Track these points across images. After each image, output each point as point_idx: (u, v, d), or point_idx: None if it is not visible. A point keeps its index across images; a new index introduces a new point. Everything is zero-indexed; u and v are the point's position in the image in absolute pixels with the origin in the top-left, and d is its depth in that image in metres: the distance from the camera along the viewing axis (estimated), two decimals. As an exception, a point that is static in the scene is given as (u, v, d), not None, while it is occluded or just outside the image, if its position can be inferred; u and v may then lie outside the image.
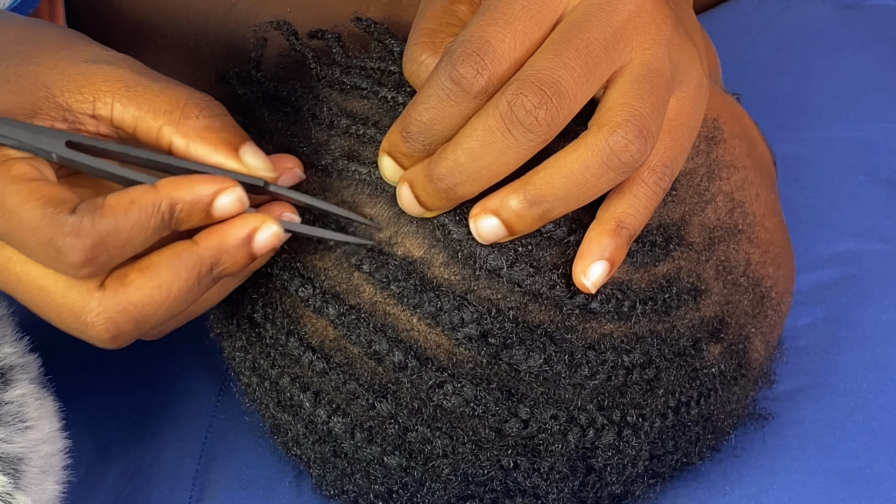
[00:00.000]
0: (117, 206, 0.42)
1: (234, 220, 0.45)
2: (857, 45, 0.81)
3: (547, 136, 0.42)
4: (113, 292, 0.43)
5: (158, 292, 0.43)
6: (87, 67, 0.46)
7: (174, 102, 0.45)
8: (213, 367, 0.65)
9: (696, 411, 0.51)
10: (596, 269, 0.45)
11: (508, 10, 0.42)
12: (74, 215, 0.42)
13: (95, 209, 0.42)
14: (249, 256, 0.45)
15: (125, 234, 0.42)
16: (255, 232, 0.45)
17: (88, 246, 0.42)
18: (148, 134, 0.45)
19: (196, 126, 0.45)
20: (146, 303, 0.43)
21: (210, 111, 0.46)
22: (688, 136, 0.46)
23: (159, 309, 0.44)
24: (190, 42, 0.61)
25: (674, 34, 0.45)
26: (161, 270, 0.43)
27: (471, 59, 0.42)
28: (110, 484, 0.61)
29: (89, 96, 0.45)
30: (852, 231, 0.70)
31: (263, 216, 0.45)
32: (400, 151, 0.44)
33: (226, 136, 0.46)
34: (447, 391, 0.47)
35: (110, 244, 0.42)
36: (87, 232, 0.42)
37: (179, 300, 0.44)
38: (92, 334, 0.44)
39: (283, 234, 0.45)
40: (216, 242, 0.44)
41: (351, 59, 0.52)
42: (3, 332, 0.51)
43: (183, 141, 0.45)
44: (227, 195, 0.44)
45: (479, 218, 0.44)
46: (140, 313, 0.44)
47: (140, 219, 0.43)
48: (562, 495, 0.51)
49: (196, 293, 0.45)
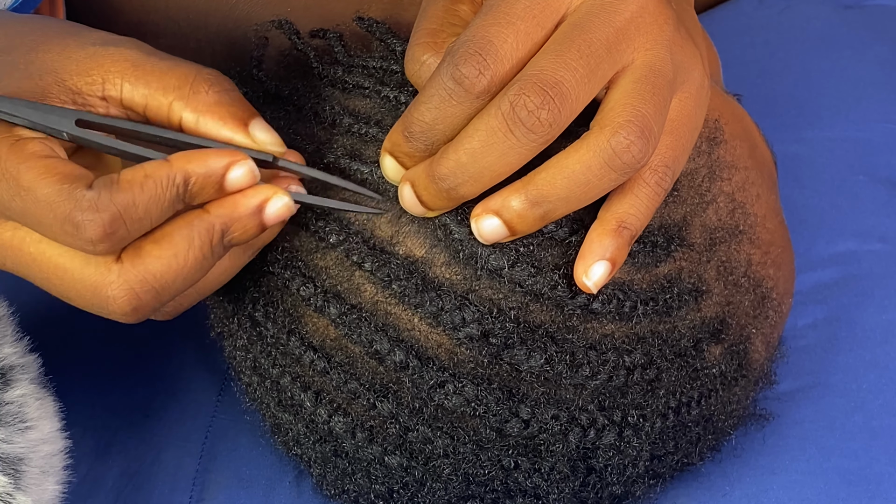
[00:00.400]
0: (133, 180, 0.43)
1: (246, 191, 0.45)
2: (857, 45, 0.81)
3: (549, 137, 0.42)
4: (131, 264, 0.44)
5: (175, 261, 0.44)
6: (94, 51, 0.46)
7: (183, 78, 0.46)
8: (214, 367, 0.65)
9: (697, 412, 0.51)
10: (597, 269, 0.45)
11: (511, 10, 0.42)
12: (91, 190, 0.42)
13: (112, 184, 0.42)
14: (260, 226, 0.45)
15: (142, 208, 0.43)
16: (265, 202, 0.45)
17: (107, 220, 0.42)
18: (158, 111, 0.46)
19: (206, 101, 0.46)
20: (164, 272, 0.44)
21: (220, 86, 0.46)
22: (690, 137, 0.46)
23: (177, 277, 0.44)
24: (191, 41, 0.61)
25: (676, 35, 0.45)
26: (176, 239, 0.44)
27: (473, 59, 0.42)
28: (110, 484, 0.61)
29: (98, 78, 0.46)
30: (852, 231, 0.70)
31: (274, 187, 0.46)
32: (402, 151, 0.44)
33: (235, 110, 0.46)
34: (448, 391, 0.47)
35: (128, 218, 0.43)
36: (105, 206, 0.42)
37: (195, 268, 0.44)
38: (113, 308, 0.44)
39: (293, 205, 0.46)
40: (227, 210, 0.45)
41: (353, 58, 0.52)
42: (3, 332, 0.51)
43: (193, 116, 0.46)
44: (239, 168, 0.45)
45: (481, 218, 0.44)
46: (159, 282, 0.44)
47: (156, 192, 0.43)
48: (562, 495, 0.51)
49: (210, 261, 0.45)
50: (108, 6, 0.62)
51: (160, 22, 0.61)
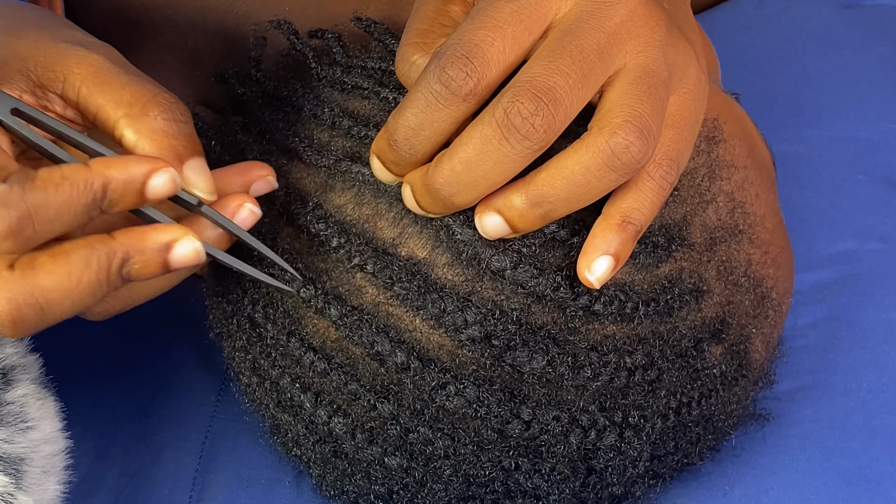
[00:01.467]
0: (49, 180, 0.41)
1: (158, 226, 0.44)
2: (857, 45, 0.81)
3: (544, 143, 0.42)
4: (22, 273, 0.42)
5: (68, 280, 0.42)
6: (64, 48, 0.46)
7: (137, 97, 0.45)
8: (213, 367, 0.65)
9: (697, 412, 0.51)
10: (601, 263, 0.45)
11: (498, 15, 0.42)
12: (4, 184, 0.41)
13: (27, 180, 0.41)
14: (163, 265, 0.44)
15: (53, 210, 0.41)
16: (174, 242, 0.44)
17: (15, 218, 0.41)
18: (106, 123, 0.45)
19: (151, 125, 0.45)
20: (54, 289, 0.42)
21: (170, 114, 0.45)
22: (691, 131, 0.46)
23: (66, 298, 0.42)
24: (189, 41, 0.61)
25: (668, 35, 0.45)
26: (73, 258, 0.42)
27: (460, 62, 0.42)
28: (110, 484, 0.61)
29: (60, 76, 0.45)
30: (852, 231, 0.70)
31: (187, 230, 0.44)
32: (387, 158, 0.44)
33: (176, 144, 0.45)
34: (449, 392, 0.47)
35: (37, 218, 0.41)
36: (14, 203, 0.41)
37: (87, 292, 0.42)
38: None
39: (203, 254, 0.44)
40: (133, 241, 0.43)
41: (351, 58, 0.52)
42: (3, 332, 0.51)
43: (133, 137, 0.45)
44: (161, 175, 0.43)
45: (484, 215, 0.44)
46: (46, 299, 0.42)
47: (71, 196, 0.41)
48: (563, 496, 0.51)
49: (104, 288, 0.43)
50: (107, 4, 0.62)
51: (158, 21, 0.61)
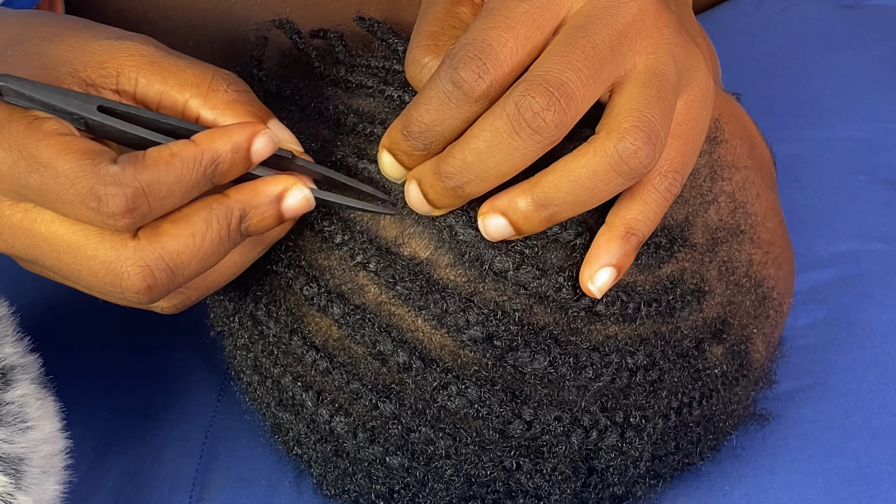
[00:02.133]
0: (159, 158, 0.43)
1: (267, 179, 0.45)
2: (857, 45, 0.81)
3: (555, 138, 0.42)
4: (148, 240, 0.43)
5: (192, 241, 0.44)
6: (110, 44, 0.46)
7: (201, 77, 0.46)
8: (214, 367, 0.65)
9: (698, 412, 0.51)
10: (603, 275, 0.45)
11: (510, 14, 0.42)
12: (115, 165, 0.42)
13: (137, 161, 0.42)
14: (278, 216, 0.46)
15: (166, 187, 0.43)
16: (285, 192, 0.45)
17: (130, 195, 0.42)
18: (173, 108, 0.46)
19: (225, 99, 0.46)
20: (181, 251, 0.44)
21: (238, 86, 0.46)
22: (697, 140, 0.46)
23: (193, 258, 0.44)
24: (190, 42, 0.61)
25: (677, 37, 0.45)
26: (194, 220, 0.44)
27: (472, 63, 0.42)
28: (110, 484, 0.61)
29: (113, 70, 0.46)
30: (852, 231, 0.70)
31: (295, 179, 0.46)
32: (400, 149, 0.44)
33: (253, 109, 0.46)
34: (451, 392, 0.47)
35: (151, 195, 0.42)
36: (128, 181, 0.42)
37: (212, 251, 0.44)
38: (127, 284, 0.44)
39: (312, 199, 0.46)
40: (247, 196, 0.45)
41: (355, 57, 0.52)
42: (3, 332, 0.51)
43: (211, 114, 0.46)
44: (261, 137, 0.44)
45: (488, 216, 0.44)
46: (175, 261, 0.44)
47: (181, 172, 0.43)
48: (564, 496, 0.51)
49: (226, 246, 0.45)
50: (107, 5, 0.62)
51: (158, 22, 0.61)
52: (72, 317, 0.65)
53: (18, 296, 0.52)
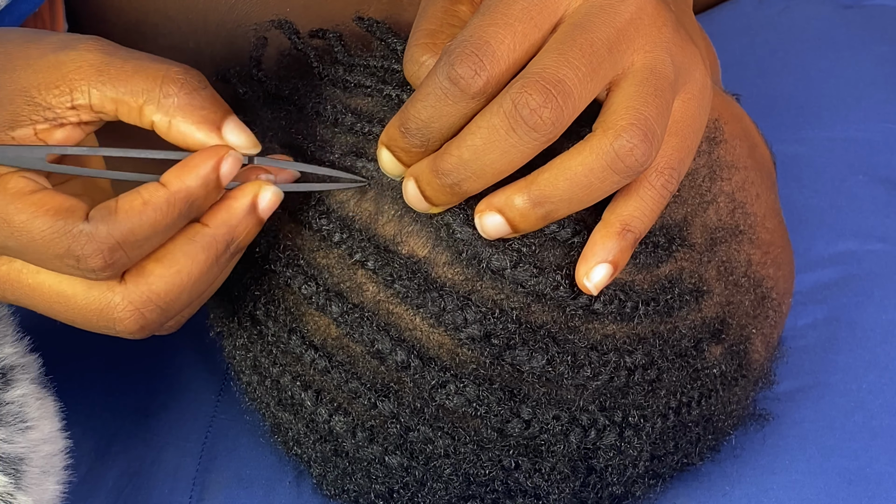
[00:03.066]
0: (131, 209, 0.43)
1: (234, 193, 0.46)
2: (857, 45, 0.81)
3: (551, 136, 0.42)
4: (135, 284, 0.44)
5: (179, 277, 0.44)
6: (55, 58, 0.46)
7: (151, 81, 0.45)
8: (214, 367, 0.65)
9: (697, 412, 0.51)
10: (599, 271, 0.45)
11: (508, 11, 0.42)
12: (88, 223, 0.43)
13: (109, 214, 0.43)
14: (258, 222, 0.46)
15: (142, 235, 0.43)
16: (256, 198, 0.46)
17: (106, 250, 0.43)
18: (129, 114, 0.46)
19: (177, 104, 0.46)
20: (168, 290, 0.44)
21: (189, 86, 0.46)
22: (694, 138, 0.46)
23: (182, 293, 0.45)
24: (190, 41, 0.61)
25: (675, 36, 0.45)
26: (177, 256, 0.44)
27: (469, 60, 0.42)
28: (110, 484, 0.61)
29: (65, 89, 0.45)
30: (852, 231, 0.70)
31: (258, 182, 0.46)
32: (398, 146, 0.45)
33: (206, 112, 0.46)
34: (449, 391, 0.47)
35: (128, 246, 0.43)
36: (103, 238, 0.42)
37: (201, 282, 0.45)
38: (120, 328, 0.45)
39: (280, 192, 0.47)
40: (224, 219, 0.45)
41: (353, 57, 0.52)
42: (3, 332, 0.51)
43: (164, 119, 0.46)
44: (227, 160, 0.45)
45: (484, 214, 0.44)
46: (164, 300, 0.44)
47: (155, 218, 0.43)
48: (563, 495, 0.51)
49: (216, 271, 0.46)
50: (108, 6, 0.62)
51: (159, 22, 0.61)
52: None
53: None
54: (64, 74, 0.45)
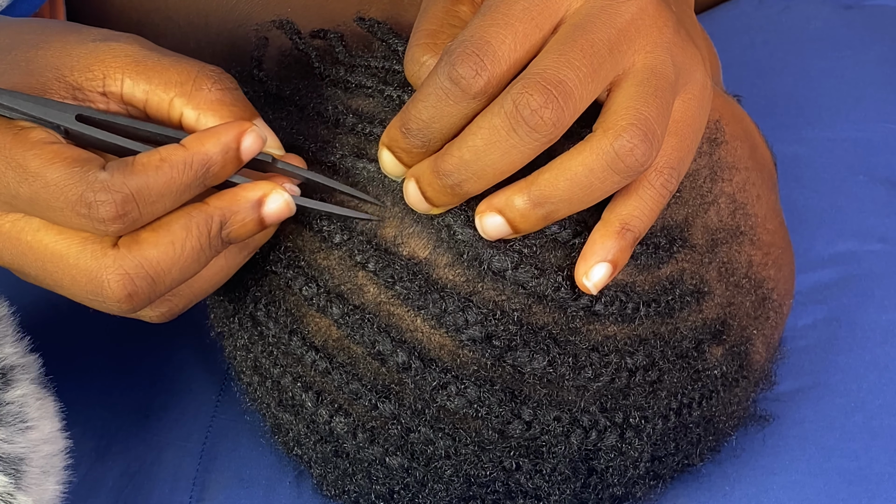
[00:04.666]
0: (148, 163, 0.43)
1: (246, 185, 0.45)
2: (857, 45, 0.81)
3: (552, 136, 0.42)
4: (127, 249, 0.44)
5: (172, 248, 0.44)
6: (95, 46, 0.46)
7: (185, 75, 0.46)
8: (214, 367, 0.65)
9: (698, 413, 0.51)
10: (598, 270, 0.45)
11: (509, 12, 0.42)
12: (104, 172, 0.42)
13: (126, 166, 0.43)
14: (258, 222, 0.46)
15: (156, 191, 0.43)
16: (265, 197, 0.45)
17: (120, 200, 0.42)
18: (159, 107, 0.46)
19: (208, 98, 0.46)
20: (161, 259, 0.44)
21: (222, 84, 0.46)
22: (693, 138, 0.46)
23: (174, 266, 0.44)
24: (191, 42, 0.61)
25: (676, 37, 0.45)
26: (173, 228, 0.44)
27: (470, 60, 0.42)
28: (111, 484, 0.61)
29: (99, 73, 0.46)
30: (852, 231, 0.70)
31: (273, 184, 0.46)
32: (399, 146, 0.45)
33: (237, 109, 0.46)
34: (450, 392, 0.47)
35: (141, 200, 0.43)
36: (118, 187, 0.42)
37: (192, 259, 0.44)
38: (108, 293, 0.44)
39: (293, 204, 0.46)
40: (226, 203, 0.45)
41: (354, 58, 0.52)
42: (3, 332, 0.51)
43: (194, 113, 0.46)
44: (249, 135, 0.45)
45: (485, 215, 0.44)
46: (155, 269, 0.44)
47: (171, 176, 0.43)
48: (563, 496, 0.51)
49: (207, 254, 0.45)
50: (108, 6, 0.62)
51: (160, 22, 0.61)
52: (72, 317, 0.65)
53: (18, 296, 0.52)
54: (101, 60, 0.46)
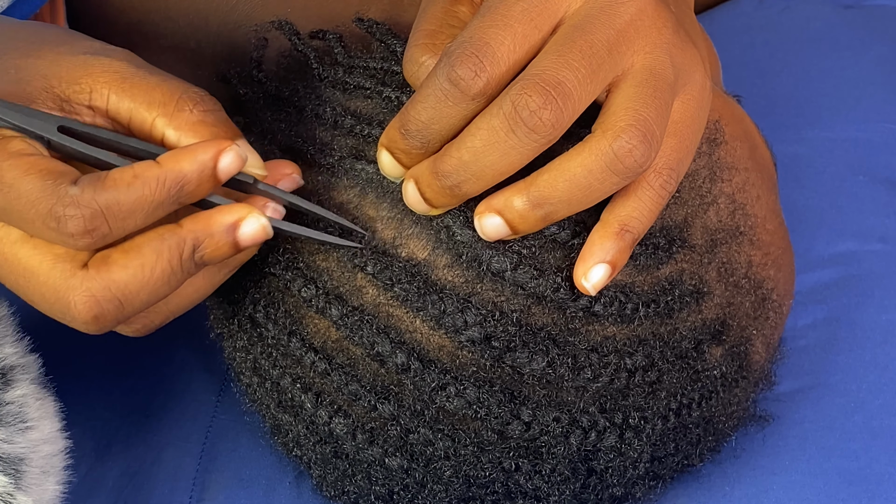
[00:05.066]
0: (120, 179, 0.43)
1: (221, 208, 0.45)
2: (857, 45, 0.81)
3: (551, 137, 0.42)
4: (96, 271, 0.43)
5: (142, 272, 0.43)
6: (85, 59, 0.46)
7: (169, 95, 0.46)
8: (214, 367, 0.65)
9: (698, 413, 0.51)
10: (597, 271, 0.45)
11: (508, 13, 0.42)
12: (75, 186, 0.42)
13: (97, 181, 0.42)
14: (233, 245, 0.45)
15: (127, 208, 0.43)
16: (240, 221, 0.45)
17: (88, 216, 0.42)
18: (142, 126, 0.46)
19: (189, 119, 0.46)
20: (129, 282, 0.43)
21: (204, 105, 0.46)
22: (693, 139, 0.46)
23: (142, 289, 0.44)
24: (191, 42, 0.61)
25: (675, 37, 0.45)
26: (144, 250, 0.44)
27: (469, 61, 0.42)
28: (110, 484, 0.61)
29: (86, 87, 0.46)
30: (852, 231, 0.70)
31: (250, 207, 0.45)
32: (398, 148, 0.45)
33: (218, 131, 0.46)
34: (450, 393, 0.47)
35: (111, 216, 0.42)
36: (87, 202, 0.42)
37: (162, 282, 0.44)
38: (74, 314, 0.44)
39: (269, 228, 0.45)
40: (200, 226, 0.44)
41: (353, 59, 0.52)
42: (3, 332, 0.51)
43: (175, 134, 0.45)
44: (227, 154, 0.44)
45: (484, 216, 0.44)
46: (123, 293, 0.43)
47: (143, 193, 0.43)
48: (563, 497, 0.51)
49: (179, 276, 0.44)
50: (109, 6, 0.62)
51: (160, 23, 0.61)
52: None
53: (18, 296, 0.52)
54: (89, 74, 0.46)
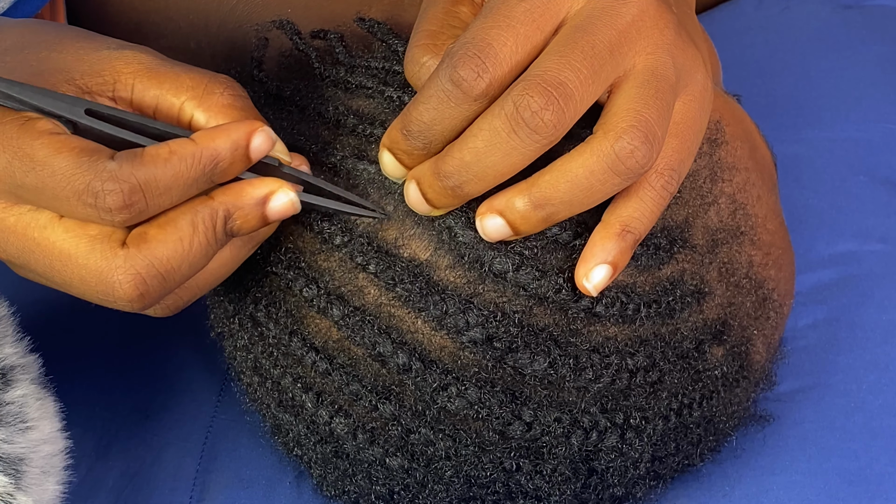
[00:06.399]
0: (157, 155, 0.43)
1: (253, 181, 0.45)
2: (857, 45, 0.81)
3: (553, 138, 0.42)
4: (136, 249, 0.43)
5: (181, 245, 0.44)
6: (108, 53, 0.46)
7: (197, 80, 0.46)
8: (214, 367, 0.65)
9: (699, 413, 0.51)
10: (598, 272, 0.45)
11: (511, 13, 0.42)
12: (113, 161, 0.42)
13: (135, 157, 0.43)
14: (262, 218, 0.46)
15: (164, 184, 0.43)
16: (270, 195, 0.45)
17: (127, 190, 0.42)
18: (169, 111, 0.46)
19: (219, 102, 0.46)
20: (170, 256, 0.44)
21: (234, 90, 0.47)
22: (694, 140, 0.46)
23: (183, 262, 0.44)
24: (191, 42, 0.61)
25: (677, 38, 0.45)
26: (180, 224, 0.44)
27: (472, 62, 0.42)
28: (110, 484, 0.61)
29: (109, 78, 0.46)
30: (852, 231, 0.70)
31: (281, 182, 0.46)
32: (400, 148, 0.45)
33: (247, 114, 0.46)
34: (451, 393, 0.47)
35: (148, 191, 0.43)
36: (126, 177, 0.42)
37: (200, 253, 0.44)
38: (119, 293, 0.44)
39: (297, 203, 0.46)
40: (231, 198, 0.45)
41: (355, 58, 0.52)
42: (3, 332, 0.51)
43: (205, 115, 0.46)
44: (259, 134, 0.45)
45: (485, 217, 0.44)
46: (165, 267, 0.44)
47: (179, 169, 0.43)
48: (564, 497, 0.51)
49: (214, 247, 0.45)
50: (109, 6, 0.62)
51: (160, 22, 0.61)
52: (72, 317, 0.65)
53: (18, 296, 0.52)
54: (112, 66, 0.46)
